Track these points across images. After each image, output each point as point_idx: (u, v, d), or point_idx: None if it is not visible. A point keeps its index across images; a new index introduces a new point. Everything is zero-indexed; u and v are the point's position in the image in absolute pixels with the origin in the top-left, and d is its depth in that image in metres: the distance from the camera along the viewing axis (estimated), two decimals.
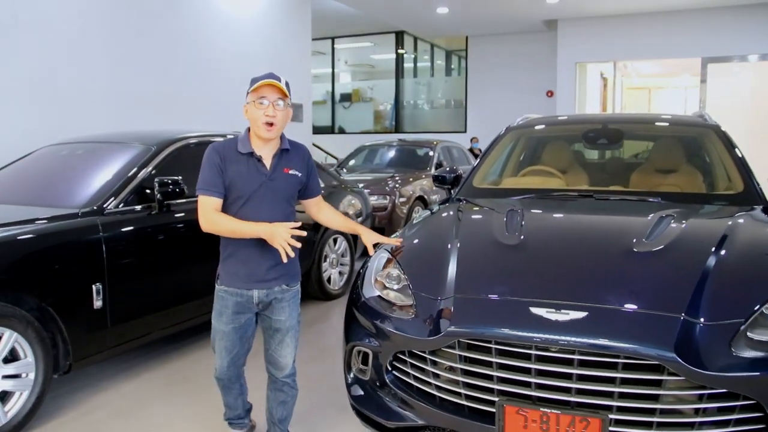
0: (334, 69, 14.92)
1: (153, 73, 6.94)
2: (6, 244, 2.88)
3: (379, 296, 2.43)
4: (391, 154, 9.58)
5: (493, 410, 2.00)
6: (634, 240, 2.39)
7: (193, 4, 7.69)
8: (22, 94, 5.56)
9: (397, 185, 7.80)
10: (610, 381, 1.89)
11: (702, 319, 1.93)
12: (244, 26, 8.62)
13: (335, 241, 5.30)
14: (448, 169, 3.96)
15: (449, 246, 2.50)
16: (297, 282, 2.50)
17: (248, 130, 2.41)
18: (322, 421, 3.02)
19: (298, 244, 2.23)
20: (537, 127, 4.12)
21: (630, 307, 2.00)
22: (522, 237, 2.49)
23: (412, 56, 14.99)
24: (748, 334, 1.93)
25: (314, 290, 5.04)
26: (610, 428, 1.88)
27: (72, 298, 3.09)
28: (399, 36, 14.20)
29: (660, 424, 1.89)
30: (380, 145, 9.93)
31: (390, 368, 2.32)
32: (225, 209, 2.37)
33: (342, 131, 14.70)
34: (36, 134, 5.05)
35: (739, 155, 3.36)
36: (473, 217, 2.94)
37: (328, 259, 5.18)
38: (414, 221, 3.04)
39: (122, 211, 3.43)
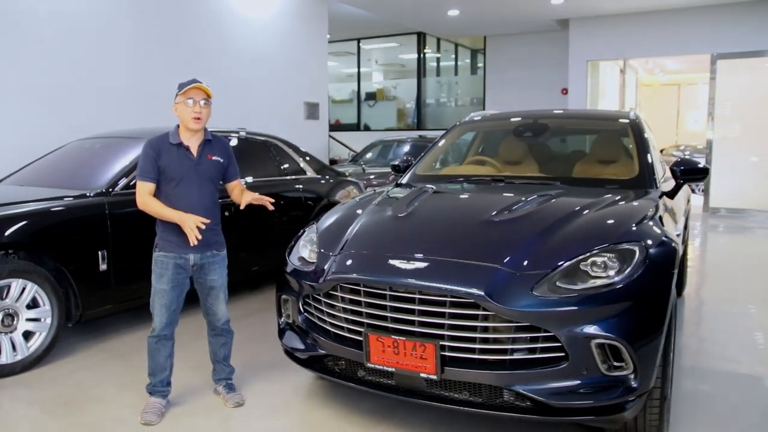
0: (359, 69, 15.61)
1: (174, 77, 7.50)
2: (32, 216, 3.70)
3: (299, 257, 3.07)
4: (404, 148, 10.15)
5: (361, 339, 2.61)
6: (500, 211, 2.92)
7: (211, 10, 8.15)
8: (58, 96, 6.29)
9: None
10: (442, 315, 2.47)
11: (510, 268, 2.48)
12: (262, 30, 8.99)
13: None
14: (404, 158, 4.51)
15: (358, 216, 3.12)
16: (224, 249, 3.12)
17: (177, 126, 3.00)
18: (281, 364, 3.70)
19: (203, 225, 2.81)
20: (483, 123, 4.63)
21: (461, 259, 2.56)
22: (410, 210, 3.08)
23: (435, 56, 15.49)
24: (558, 282, 2.45)
25: None
26: (442, 353, 2.46)
27: (82, 261, 3.88)
28: (421, 36, 14.73)
29: (482, 350, 2.45)
30: (394, 140, 10.55)
31: (302, 311, 2.96)
32: (163, 189, 2.94)
33: (367, 128, 15.41)
34: (68, 132, 5.73)
35: (644, 145, 3.78)
36: (390, 196, 3.52)
37: None
38: (347, 200, 3.65)
39: (126, 193, 4.19)
